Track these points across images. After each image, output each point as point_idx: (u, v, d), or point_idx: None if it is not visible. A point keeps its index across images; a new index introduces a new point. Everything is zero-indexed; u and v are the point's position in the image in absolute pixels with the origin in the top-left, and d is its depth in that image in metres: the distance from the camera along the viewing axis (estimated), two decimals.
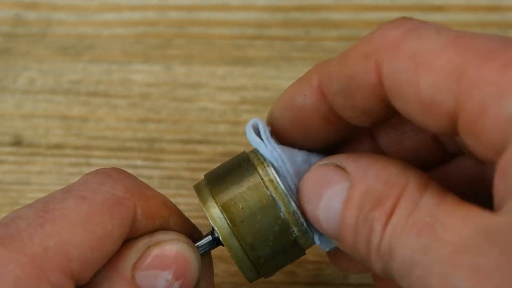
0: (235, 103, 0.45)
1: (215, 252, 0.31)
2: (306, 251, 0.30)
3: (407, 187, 0.25)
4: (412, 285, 0.24)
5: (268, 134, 0.30)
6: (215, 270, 0.37)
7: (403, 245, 0.24)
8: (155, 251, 0.28)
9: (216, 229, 0.29)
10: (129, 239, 0.29)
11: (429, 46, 0.24)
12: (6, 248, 0.25)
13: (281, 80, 0.46)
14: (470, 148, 0.24)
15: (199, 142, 0.44)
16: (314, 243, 0.30)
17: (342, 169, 0.27)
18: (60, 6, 0.49)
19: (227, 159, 0.31)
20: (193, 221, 0.32)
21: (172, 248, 0.28)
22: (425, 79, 0.24)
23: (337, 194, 0.27)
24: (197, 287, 0.30)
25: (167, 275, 0.28)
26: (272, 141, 0.30)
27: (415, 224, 0.24)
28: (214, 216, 0.29)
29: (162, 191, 0.31)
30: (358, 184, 0.26)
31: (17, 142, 0.44)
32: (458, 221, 0.23)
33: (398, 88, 0.25)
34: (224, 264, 0.39)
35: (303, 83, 0.29)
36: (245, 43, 0.47)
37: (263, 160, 0.30)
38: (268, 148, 0.30)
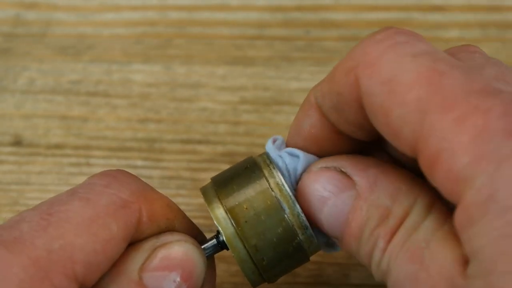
0: (235, 103, 0.45)
1: None
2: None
3: (414, 206, 0.26)
4: None
5: (281, 143, 0.30)
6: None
7: (398, 267, 0.25)
8: (162, 252, 0.28)
9: (220, 229, 0.29)
10: (134, 242, 0.29)
11: (403, 76, 0.24)
12: (10, 251, 0.25)
13: (281, 80, 0.46)
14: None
15: (199, 142, 0.44)
16: (319, 248, 0.30)
17: (348, 176, 0.27)
18: (60, 6, 0.49)
19: (227, 159, 0.31)
20: (194, 221, 0.32)
21: (178, 249, 0.28)
22: (395, 110, 0.24)
23: (343, 202, 0.27)
24: None
25: (175, 276, 0.28)
26: (285, 148, 0.30)
27: (410, 248, 0.25)
28: (218, 216, 0.29)
29: (162, 191, 0.31)
30: (366, 195, 0.27)
31: (17, 142, 0.44)
32: (442, 258, 0.24)
33: (372, 109, 0.25)
34: (224, 264, 0.39)
35: (304, 105, 0.30)
36: (245, 43, 0.47)
37: (269, 162, 0.30)
38: (276, 153, 0.30)
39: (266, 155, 0.30)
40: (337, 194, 0.27)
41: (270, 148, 0.30)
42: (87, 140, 0.44)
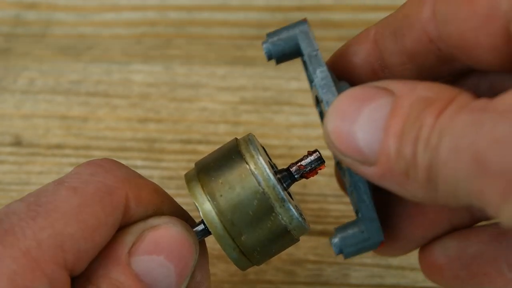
0: (235, 103, 0.45)
1: (214, 252, 0.31)
2: (306, 252, 0.30)
3: (459, 94, 0.25)
4: (459, 165, 0.23)
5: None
6: (215, 270, 0.37)
7: (454, 125, 0.24)
8: (150, 236, 0.28)
9: (197, 205, 0.29)
10: (123, 227, 0.29)
11: None
12: (1, 244, 0.25)
13: (281, 80, 0.46)
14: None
15: (199, 142, 0.44)
16: (305, 228, 0.29)
17: (385, 88, 0.26)
18: (60, 6, 0.49)
19: None
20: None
21: (166, 232, 0.28)
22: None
23: (381, 107, 0.26)
24: (193, 276, 0.29)
25: (163, 259, 0.28)
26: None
27: (466, 110, 0.24)
28: (195, 193, 0.29)
29: None
30: (407, 95, 0.25)
31: (17, 142, 0.44)
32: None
33: (454, 10, 0.26)
34: (224, 264, 0.39)
35: (360, 35, 0.31)
36: (245, 43, 0.47)
37: (247, 139, 0.30)
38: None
39: (248, 136, 0.30)
40: (374, 100, 0.26)
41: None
42: (87, 140, 0.44)
